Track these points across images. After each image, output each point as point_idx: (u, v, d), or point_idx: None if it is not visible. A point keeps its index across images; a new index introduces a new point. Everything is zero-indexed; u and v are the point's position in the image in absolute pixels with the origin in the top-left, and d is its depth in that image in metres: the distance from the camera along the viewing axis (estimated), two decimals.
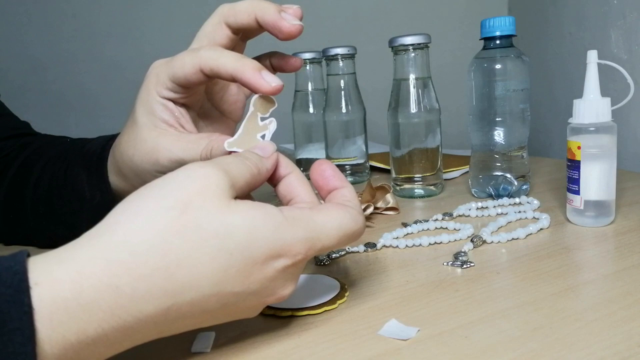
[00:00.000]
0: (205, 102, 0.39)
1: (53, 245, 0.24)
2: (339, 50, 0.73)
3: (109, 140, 0.43)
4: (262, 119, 0.32)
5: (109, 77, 1.21)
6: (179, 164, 0.34)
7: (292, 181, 0.31)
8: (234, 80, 0.32)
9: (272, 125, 0.32)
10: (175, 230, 0.23)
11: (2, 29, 1.14)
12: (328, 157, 0.78)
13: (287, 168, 0.31)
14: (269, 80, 0.31)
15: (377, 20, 1.27)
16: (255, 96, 0.32)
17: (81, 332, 0.21)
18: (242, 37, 0.37)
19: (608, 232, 0.46)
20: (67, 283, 0.21)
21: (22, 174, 0.48)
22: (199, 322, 0.26)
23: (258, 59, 0.38)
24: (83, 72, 1.19)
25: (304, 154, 0.83)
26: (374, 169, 0.82)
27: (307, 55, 0.80)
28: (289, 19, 0.33)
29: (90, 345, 0.22)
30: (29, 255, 0.22)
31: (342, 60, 0.74)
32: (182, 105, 0.36)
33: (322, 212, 0.28)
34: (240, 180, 0.27)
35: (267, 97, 0.32)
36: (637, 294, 0.34)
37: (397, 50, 0.63)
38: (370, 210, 0.55)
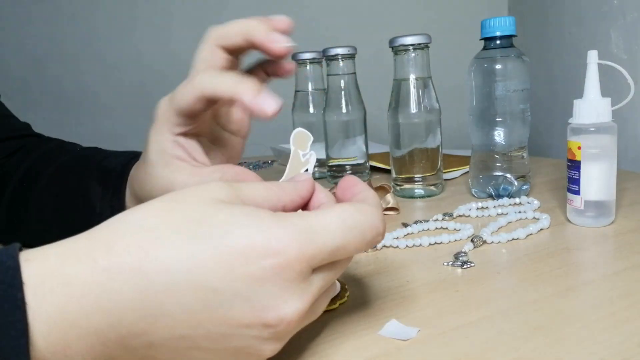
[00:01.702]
0: (214, 126, 0.39)
1: None
2: (339, 50, 0.73)
3: (131, 159, 0.43)
4: (304, 155, 0.33)
5: (108, 77, 1.21)
6: None
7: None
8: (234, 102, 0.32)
9: (312, 158, 0.33)
10: (157, 213, 0.24)
11: (2, 29, 1.14)
12: (328, 157, 0.78)
13: (325, 198, 0.29)
14: (266, 106, 0.31)
15: (377, 20, 1.27)
16: (293, 134, 0.33)
17: (62, 307, 0.21)
18: (237, 53, 0.37)
19: (608, 232, 0.46)
20: (52, 255, 0.22)
21: (29, 177, 0.47)
22: (187, 327, 0.23)
23: (251, 70, 0.38)
24: (82, 72, 1.19)
25: None
26: (374, 169, 0.82)
27: (307, 55, 0.80)
28: (278, 41, 0.33)
29: (75, 328, 0.21)
30: (21, 249, 0.23)
31: (342, 60, 0.74)
32: (194, 135, 0.36)
33: (318, 210, 0.26)
34: (251, 192, 0.26)
35: (303, 134, 0.33)
36: (637, 294, 0.34)
37: (398, 50, 0.63)
38: None
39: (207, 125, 0.38)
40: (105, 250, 0.22)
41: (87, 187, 0.44)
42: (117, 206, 0.42)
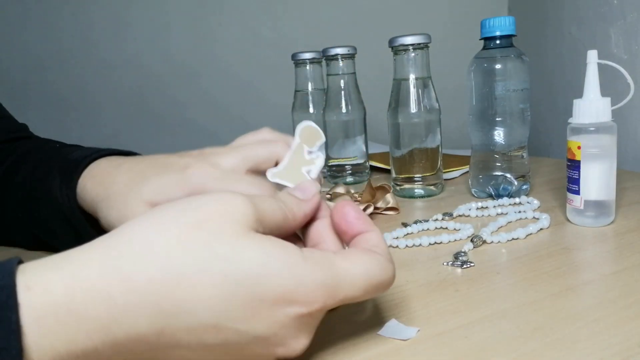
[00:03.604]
0: None
1: (38, 247, 0.23)
2: (339, 50, 0.73)
3: (96, 152, 0.41)
4: (309, 152, 0.31)
5: (108, 77, 1.21)
6: None
7: (322, 226, 0.30)
8: None
9: (319, 160, 0.31)
10: (182, 245, 0.22)
11: (2, 29, 1.14)
12: (328, 157, 0.78)
13: (321, 212, 0.30)
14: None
15: (377, 20, 1.27)
16: (302, 126, 0.31)
17: (70, 342, 0.20)
18: None
19: (608, 232, 0.46)
20: (60, 288, 0.20)
21: (8, 177, 0.47)
22: (197, 357, 0.23)
23: None
24: (83, 72, 1.19)
25: None
26: (374, 169, 0.82)
27: (307, 55, 0.80)
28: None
29: (81, 358, 0.21)
30: (20, 262, 0.21)
31: (342, 60, 0.74)
32: None
33: (346, 258, 0.25)
34: (269, 219, 0.26)
35: (313, 130, 0.32)
36: (637, 294, 0.34)
37: (397, 50, 0.63)
38: (370, 210, 0.55)
39: None
40: (121, 283, 0.21)
41: (52, 178, 0.42)
42: (72, 197, 0.39)
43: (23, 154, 0.49)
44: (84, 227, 0.40)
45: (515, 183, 0.59)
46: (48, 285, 0.20)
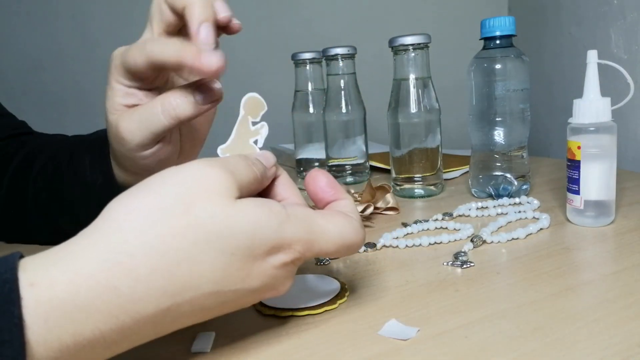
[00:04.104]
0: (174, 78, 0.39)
1: (56, 241, 0.23)
2: (339, 50, 0.73)
3: None
4: (254, 123, 0.32)
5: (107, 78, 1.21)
6: (142, 142, 0.35)
7: (282, 184, 0.31)
8: (181, 68, 0.32)
9: (264, 130, 0.32)
10: (175, 231, 0.23)
11: (1, 29, 1.14)
12: (328, 157, 0.78)
13: (277, 172, 0.32)
14: (209, 63, 0.30)
15: (377, 20, 1.27)
16: (245, 99, 0.32)
17: (77, 333, 0.21)
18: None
19: (608, 232, 0.46)
20: (64, 283, 0.21)
21: (23, 168, 0.48)
22: (197, 319, 0.26)
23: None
24: (81, 73, 1.19)
25: (304, 154, 0.83)
26: (374, 169, 0.82)
27: (307, 55, 0.80)
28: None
29: (87, 347, 0.21)
30: (21, 257, 0.22)
31: (342, 60, 0.74)
32: (149, 89, 0.36)
33: (325, 216, 0.28)
34: (246, 184, 0.27)
35: (256, 100, 0.32)
36: (637, 294, 0.34)
37: (397, 50, 0.63)
38: (370, 210, 0.55)
39: (164, 82, 0.38)
40: (125, 275, 0.22)
41: (78, 160, 0.45)
42: (107, 171, 0.42)
43: (35, 147, 0.50)
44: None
45: (515, 183, 0.59)
46: (52, 281, 0.21)
